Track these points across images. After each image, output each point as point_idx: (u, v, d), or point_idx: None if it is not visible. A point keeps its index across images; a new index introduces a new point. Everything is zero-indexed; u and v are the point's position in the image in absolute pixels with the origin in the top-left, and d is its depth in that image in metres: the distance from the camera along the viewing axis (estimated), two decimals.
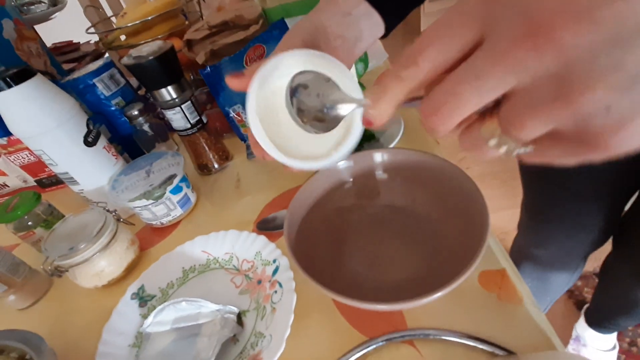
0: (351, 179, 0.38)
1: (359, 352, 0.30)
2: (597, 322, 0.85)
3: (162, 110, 0.51)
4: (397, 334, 0.30)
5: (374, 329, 0.32)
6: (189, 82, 0.51)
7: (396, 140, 0.49)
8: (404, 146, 0.50)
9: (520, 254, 0.75)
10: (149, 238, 0.50)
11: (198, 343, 0.33)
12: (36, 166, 0.65)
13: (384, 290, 0.33)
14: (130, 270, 0.46)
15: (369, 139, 0.51)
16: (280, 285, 0.36)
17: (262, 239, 0.41)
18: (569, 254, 0.67)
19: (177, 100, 0.50)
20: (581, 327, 0.94)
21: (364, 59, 0.67)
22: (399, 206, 0.38)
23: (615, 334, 0.92)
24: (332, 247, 0.37)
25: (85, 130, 0.47)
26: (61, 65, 0.74)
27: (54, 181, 0.67)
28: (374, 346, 0.30)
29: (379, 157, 0.38)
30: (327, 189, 0.38)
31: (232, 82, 0.28)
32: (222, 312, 0.35)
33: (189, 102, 0.51)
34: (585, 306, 0.95)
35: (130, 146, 0.64)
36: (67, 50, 0.80)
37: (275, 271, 0.38)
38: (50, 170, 0.62)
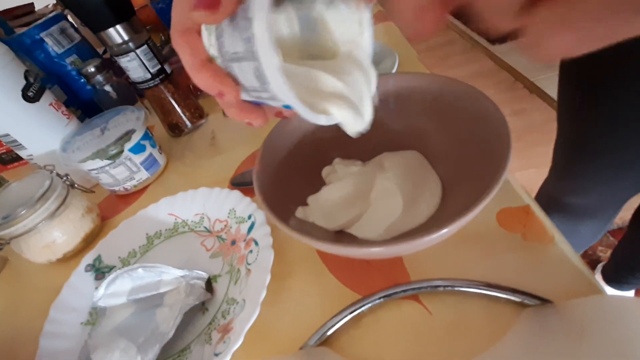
0: None
1: (350, 312, 0.24)
2: (619, 278, 0.80)
3: (116, 59, 0.44)
4: (398, 288, 0.24)
5: (370, 287, 0.26)
6: (142, 23, 0.43)
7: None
8: None
9: (548, 206, 0.67)
10: (113, 206, 0.44)
11: (158, 314, 0.28)
12: None
13: (381, 242, 0.27)
14: (91, 241, 0.40)
15: None
16: (256, 243, 0.30)
17: (236, 194, 0.35)
18: (608, 200, 0.59)
19: (130, 43, 0.42)
20: None
21: None
22: (395, 138, 0.32)
23: (632, 292, 0.88)
24: (315, 191, 0.30)
25: (23, 82, 0.40)
26: (13, 29, 0.66)
27: (15, 157, 0.61)
28: (370, 305, 0.24)
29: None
30: (307, 125, 0.32)
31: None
32: (187, 279, 0.29)
33: (145, 46, 0.43)
34: (602, 264, 0.89)
35: (93, 111, 0.57)
36: (21, 14, 0.71)
37: (250, 228, 0.32)
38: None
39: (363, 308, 0.24)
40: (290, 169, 0.31)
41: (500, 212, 0.27)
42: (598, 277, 0.89)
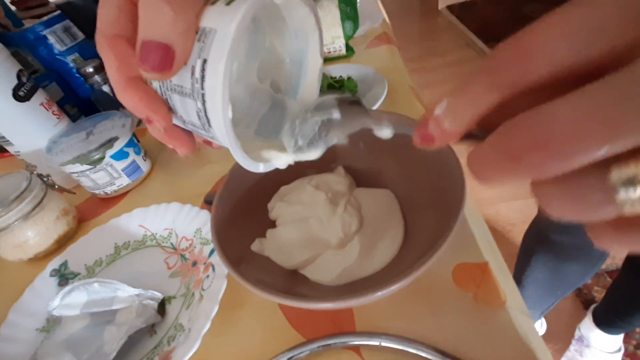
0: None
1: (288, 358, 0.23)
2: (608, 321, 0.78)
3: None
4: (338, 339, 0.23)
5: (315, 330, 0.26)
6: None
7: (380, 101, 0.41)
8: (387, 109, 0.43)
9: (536, 241, 0.67)
10: (94, 208, 0.45)
11: (106, 332, 0.28)
12: None
13: (335, 287, 0.27)
14: (64, 243, 0.40)
15: (333, 87, 0.42)
16: (214, 269, 0.30)
17: (205, 213, 0.35)
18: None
19: None
20: (586, 327, 0.86)
21: (353, 17, 0.58)
22: (368, 176, 0.31)
23: (622, 336, 0.85)
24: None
25: (15, 82, 0.41)
26: (22, 21, 0.68)
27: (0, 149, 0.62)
28: (307, 352, 0.23)
29: None
30: None
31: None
32: (141, 298, 0.30)
33: None
34: (594, 305, 0.87)
35: (90, 110, 0.58)
36: (34, 5, 0.73)
37: (212, 252, 0.32)
38: None
39: (301, 355, 0.23)
40: (256, 200, 0.31)
41: (457, 267, 0.27)
42: (589, 318, 0.86)
